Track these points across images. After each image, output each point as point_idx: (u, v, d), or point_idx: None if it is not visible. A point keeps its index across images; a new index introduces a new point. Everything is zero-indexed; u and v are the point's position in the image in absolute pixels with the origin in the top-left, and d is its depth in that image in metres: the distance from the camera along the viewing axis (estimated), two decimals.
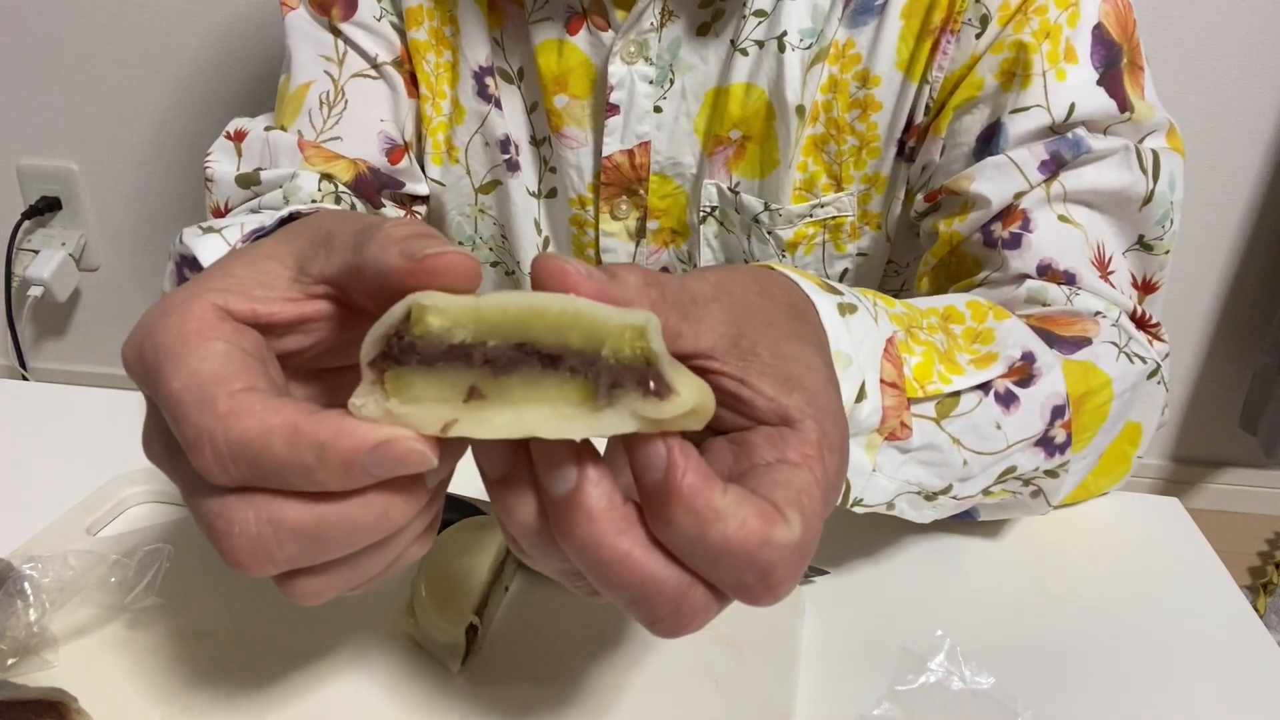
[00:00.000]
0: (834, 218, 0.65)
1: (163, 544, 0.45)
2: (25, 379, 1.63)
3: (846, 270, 0.67)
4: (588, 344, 0.25)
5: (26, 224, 1.54)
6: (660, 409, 0.25)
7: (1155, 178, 0.55)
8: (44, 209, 1.53)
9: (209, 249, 0.52)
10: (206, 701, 0.41)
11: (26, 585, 0.42)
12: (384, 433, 0.25)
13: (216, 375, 0.27)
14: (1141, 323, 0.57)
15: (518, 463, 0.27)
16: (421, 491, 0.27)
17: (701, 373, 0.29)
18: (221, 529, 0.26)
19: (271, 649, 0.43)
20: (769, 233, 0.65)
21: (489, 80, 0.67)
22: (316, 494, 0.26)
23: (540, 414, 0.25)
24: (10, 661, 0.41)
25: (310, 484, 0.26)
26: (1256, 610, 1.43)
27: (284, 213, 0.48)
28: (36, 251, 1.55)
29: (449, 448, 0.26)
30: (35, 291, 1.54)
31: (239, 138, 0.66)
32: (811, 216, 0.64)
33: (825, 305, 0.37)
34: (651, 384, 0.25)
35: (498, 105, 0.67)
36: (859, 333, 0.39)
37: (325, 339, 0.31)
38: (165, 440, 0.28)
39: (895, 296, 0.69)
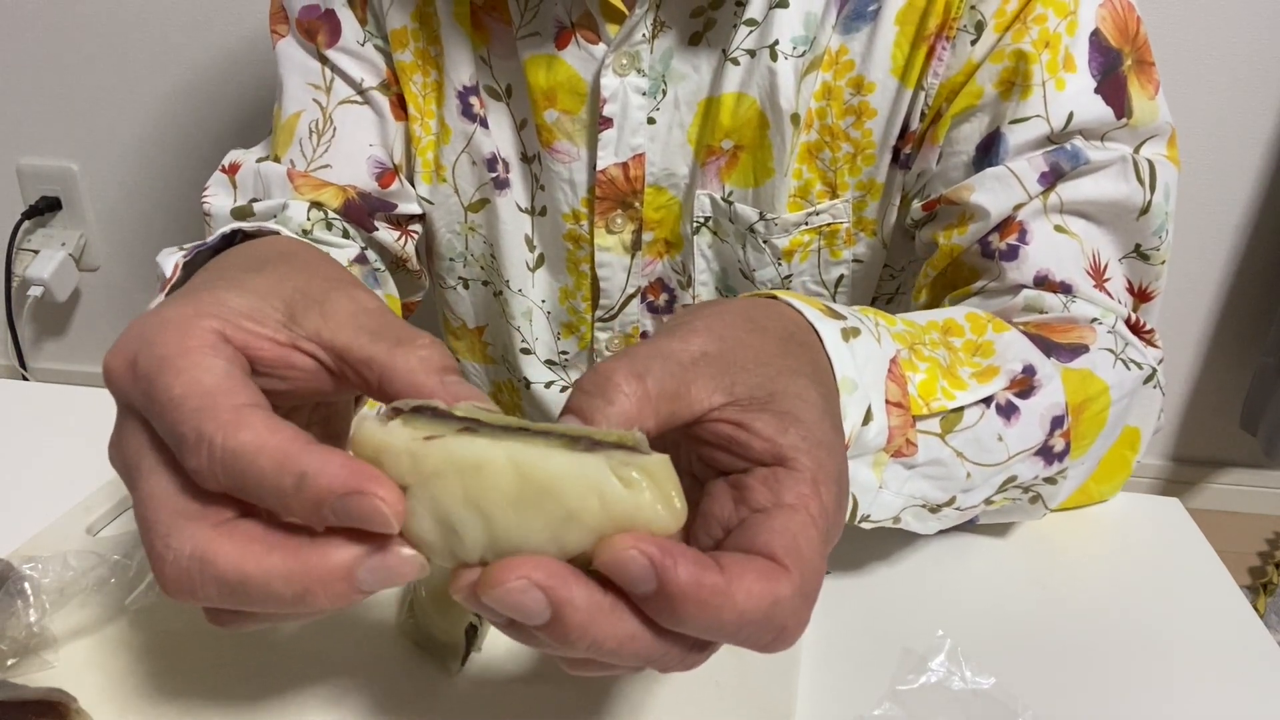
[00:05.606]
0: (829, 225, 0.64)
1: None
2: (25, 379, 1.63)
3: (842, 276, 0.67)
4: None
5: (26, 224, 1.54)
6: (639, 457, 0.26)
7: (1152, 188, 0.55)
8: (44, 209, 1.53)
9: (166, 259, 0.51)
10: (206, 702, 0.41)
11: (26, 585, 0.42)
12: (358, 482, 0.26)
13: (220, 387, 0.28)
14: (1136, 329, 0.57)
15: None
16: (352, 595, 0.27)
17: (698, 422, 0.30)
18: (159, 551, 0.27)
19: (271, 649, 0.43)
20: (764, 242, 0.64)
21: (474, 99, 0.67)
22: (245, 550, 0.27)
23: (523, 447, 0.26)
24: (10, 661, 0.41)
25: (283, 509, 0.26)
26: (1256, 610, 1.43)
27: (226, 229, 0.46)
28: (36, 251, 1.55)
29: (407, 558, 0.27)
30: (35, 291, 1.54)
31: (233, 170, 0.67)
32: (807, 224, 0.64)
33: (829, 332, 0.37)
34: (632, 447, 0.27)
35: (483, 124, 0.67)
36: (863, 356, 0.39)
37: (298, 390, 0.32)
38: (131, 452, 0.29)
39: (891, 299, 0.70)
